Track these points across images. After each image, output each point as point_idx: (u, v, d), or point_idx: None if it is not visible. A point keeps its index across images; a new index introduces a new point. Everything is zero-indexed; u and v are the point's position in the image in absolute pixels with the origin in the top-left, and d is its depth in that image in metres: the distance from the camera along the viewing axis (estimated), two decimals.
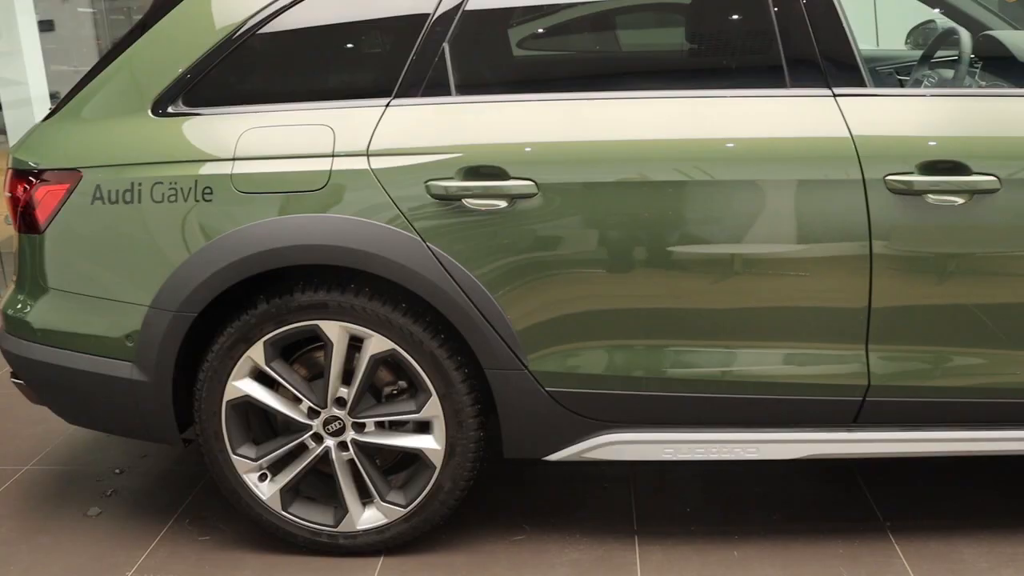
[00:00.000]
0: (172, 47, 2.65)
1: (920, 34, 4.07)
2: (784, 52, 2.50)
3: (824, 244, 2.44)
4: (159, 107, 2.61)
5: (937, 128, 2.48)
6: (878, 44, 5.44)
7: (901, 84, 3.59)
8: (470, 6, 2.57)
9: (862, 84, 2.48)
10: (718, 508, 2.95)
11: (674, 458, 2.59)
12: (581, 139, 2.49)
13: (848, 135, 2.41)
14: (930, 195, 2.40)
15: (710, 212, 2.45)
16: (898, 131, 2.46)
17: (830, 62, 2.48)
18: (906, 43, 4.15)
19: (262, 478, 2.73)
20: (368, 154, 2.50)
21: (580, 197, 2.45)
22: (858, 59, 2.49)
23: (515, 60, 2.88)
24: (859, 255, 2.42)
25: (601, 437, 2.60)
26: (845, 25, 2.50)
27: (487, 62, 2.72)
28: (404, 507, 2.70)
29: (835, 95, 2.46)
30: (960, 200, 2.41)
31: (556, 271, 2.48)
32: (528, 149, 2.47)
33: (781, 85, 2.50)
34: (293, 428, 2.69)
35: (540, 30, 2.94)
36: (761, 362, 2.53)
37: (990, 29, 3.67)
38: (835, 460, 2.90)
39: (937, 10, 3.88)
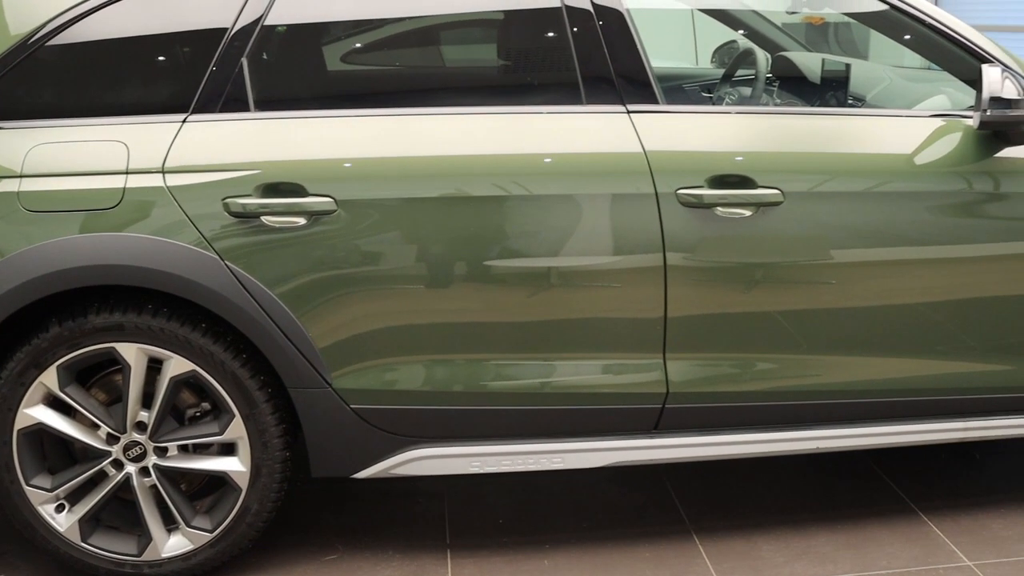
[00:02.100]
0: None
1: (724, 53, 4.24)
2: (580, 70, 2.57)
3: (621, 256, 2.51)
4: None
5: (725, 143, 2.58)
6: (697, 63, 5.65)
7: (713, 102, 3.74)
8: (270, 20, 2.54)
9: (654, 101, 2.57)
10: (530, 518, 2.99)
11: (481, 471, 2.61)
12: (381, 155, 2.49)
13: (641, 150, 2.49)
14: (719, 208, 2.50)
15: (509, 227, 2.48)
16: (688, 146, 2.55)
17: (624, 80, 2.56)
18: (711, 62, 4.32)
19: (59, 509, 2.61)
20: (164, 171, 2.43)
21: (381, 213, 2.45)
22: (650, 77, 2.57)
23: (321, 75, 2.85)
24: (654, 266, 2.50)
25: (408, 453, 2.60)
26: (638, 44, 2.58)
27: (290, 77, 2.69)
28: (211, 532, 2.63)
29: (629, 111, 2.54)
30: (747, 212, 2.51)
31: (358, 288, 2.47)
32: (327, 165, 2.45)
33: (578, 102, 2.56)
34: (92, 455, 2.59)
35: (350, 45, 2.92)
36: (564, 373, 2.58)
37: (786, 50, 3.87)
38: (646, 466, 2.97)
39: (740, 31, 4.05)
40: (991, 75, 2.56)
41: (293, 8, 2.59)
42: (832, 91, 3.48)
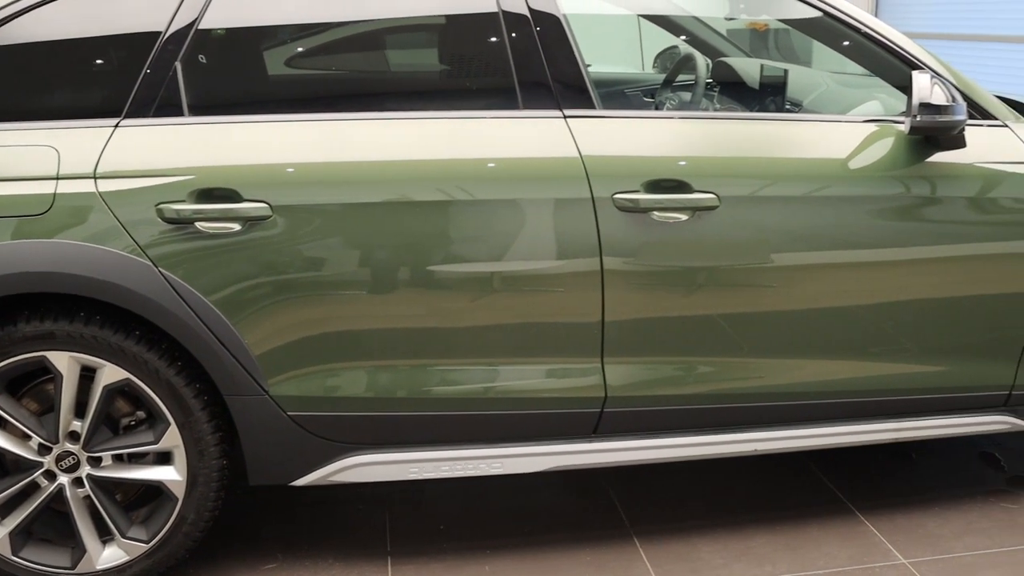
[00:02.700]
0: None
1: (667, 59, 4.27)
2: (517, 75, 2.57)
3: (559, 261, 2.51)
4: None
5: (662, 148, 2.60)
6: (643, 68, 5.68)
7: (655, 107, 3.76)
8: (204, 24, 2.51)
9: (591, 106, 2.58)
10: (472, 523, 2.98)
11: (420, 477, 2.60)
12: (316, 160, 2.47)
13: (578, 155, 2.50)
14: (655, 212, 2.51)
15: (445, 232, 2.47)
16: (625, 151, 2.56)
17: (561, 85, 2.57)
18: (653, 67, 4.35)
19: None
20: (96, 177, 2.39)
21: (316, 219, 2.43)
22: (587, 82, 2.58)
23: (258, 80, 2.82)
24: (591, 271, 2.51)
25: (346, 460, 2.59)
26: (575, 50, 2.59)
27: (225, 81, 2.67)
28: (146, 542, 2.60)
29: (566, 117, 2.54)
30: (684, 217, 2.53)
31: (295, 294, 2.45)
32: (262, 171, 2.43)
33: (515, 107, 2.56)
34: (23, 466, 2.54)
35: (287, 50, 2.89)
36: (503, 378, 2.58)
37: (727, 56, 3.91)
38: (587, 470, 2.98)
39: (682, 37, 4.08)
40: (921, 81, 2.60)
41: (229, 12, 2.56)
42: (770, 96, 3.52)
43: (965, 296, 2.79)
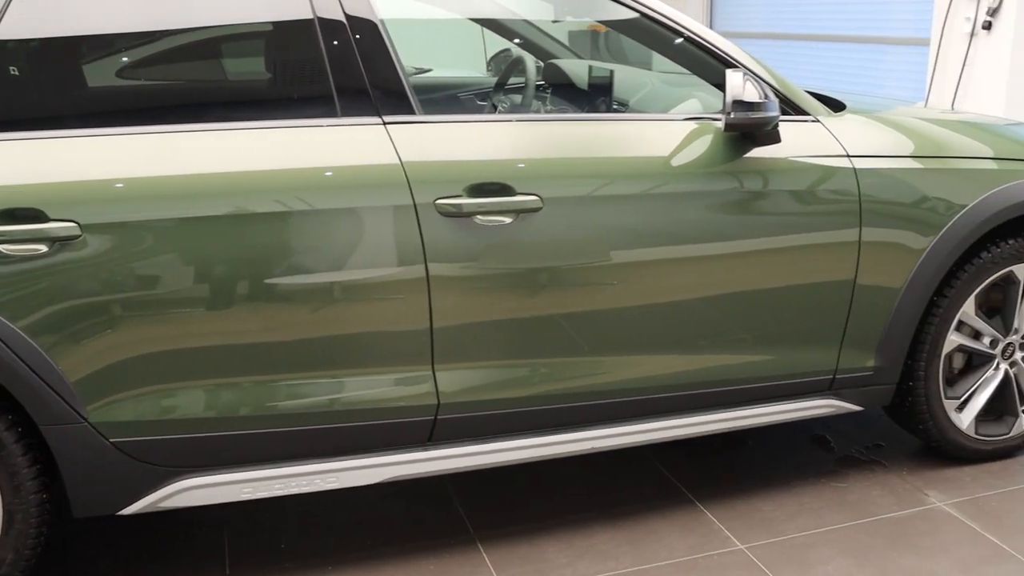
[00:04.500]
0: None
1: (501, 61, 4.29)
2: (335, 82, 2.53)
3: (385, 269, 2.48)
4: None
5: (484, 152, 2.59)
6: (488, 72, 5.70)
7: (487, 110, 3.77)
8: (1, 35, 2.39)
9: (411, 111, 2.56)
10: (313, 539, 2.92)
11: (253, 497, 2.54)
12: (125, 176, 2.36)
13: (398, 161, 2.48)
14: (479, 216, 2.51)
15: (260, 246, 2.40)
16: (446, 156, 2.55)
17: (380, 91, 2.54)
18: (487, 70, 4.37)
19: None
20: None
21: (131, 235, 2.34)
22: (406, 87, 2.57)
23: (66, 92, 2.69)
24: (416, 278, 2.49)
25: (175, 484, 2.50)
26: (393, 55, 2.57)
27: (31, 94, 2.54)
28: None
29: (385, 123, 2.52)
30: (508, 219, 2.54)
31: (111, 316, 2.35)
32: (69, 188, 2.33)
33: (334, 115, 2.52)
34: None
35: (99, 61, 2.78)
36: (332, 391, 2.53)
37: (558, 58, 3.95)
38: (432, 478, 2.96)
39: (516, 40, 4.10)
40: (734, 79, 2.67)
41: (31, 21, 2.44)
42: (599, 97, 3.58)
43: (787, 286, 2.88)
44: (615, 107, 3.45)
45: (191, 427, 2.46)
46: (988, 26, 6.67)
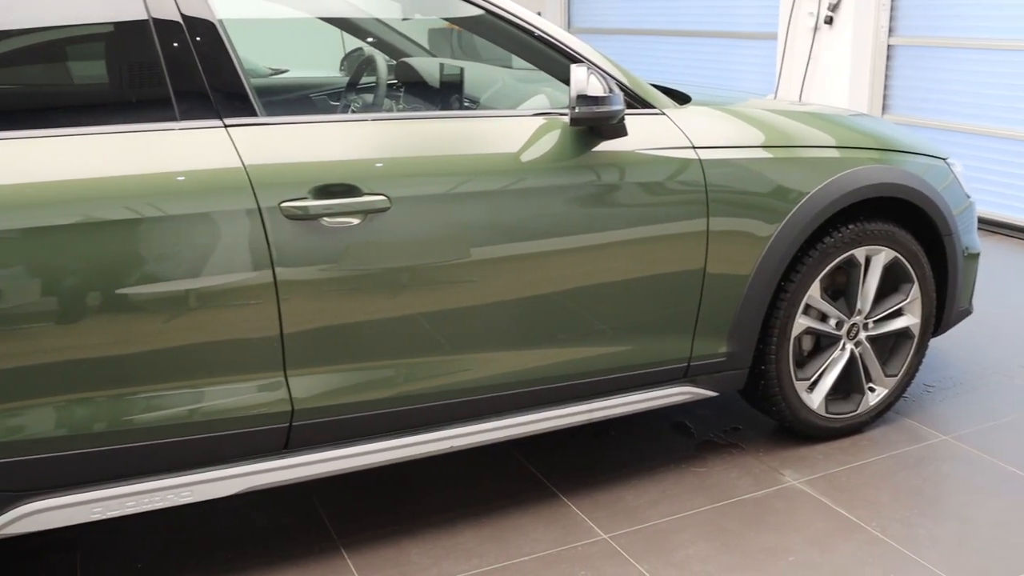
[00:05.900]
0: None
1: (354, 61, 4.25)
2: (172, 85, 2.45)
3: (232, 275, 2.41)
4: None
5: (329, 153, 2.55)
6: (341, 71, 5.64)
7: (339, 110, 3.73)
8: None
9: (253, 113, 2.50)
10: (171, 557, 2.84)
11: (104, 516, 2.44)
12: None
13: (240, 165, 2.42)
14: (325, 218, 2.47)
15: (103, 255, 2.31)
16: (290, 158, 2.50)
17: (219, 93, 2.48)
18: (340, 70, 4.32)
19: None
20: None
21: None
22: (247, 89, 2.51)
23: None
24: (264, 283, 2.43)
25: (19, 509, 2.38)
26: (233, 56, 2.51)
27: None
28: None
29: (226, 126, 2.46)
30: (355, 221, 2.51)
31: None
32: None
33: (172, 118, 2.45)
34: None
35: None
36: (183, 402, 2.45)
37: (410, 57, 3.93)
38: (293, 486, 2.91)
39: (369, 39, 4.07)
40: (578, 74, 2.70)
41: None
42: (450, 95, 3.57)
43: (640, 277, 2.93)
44: (466, 104, 3.45)
45: (40, 447, 2.35)
46: (830, 20, 6.93)
